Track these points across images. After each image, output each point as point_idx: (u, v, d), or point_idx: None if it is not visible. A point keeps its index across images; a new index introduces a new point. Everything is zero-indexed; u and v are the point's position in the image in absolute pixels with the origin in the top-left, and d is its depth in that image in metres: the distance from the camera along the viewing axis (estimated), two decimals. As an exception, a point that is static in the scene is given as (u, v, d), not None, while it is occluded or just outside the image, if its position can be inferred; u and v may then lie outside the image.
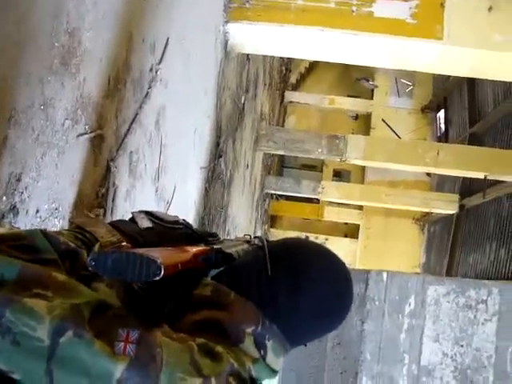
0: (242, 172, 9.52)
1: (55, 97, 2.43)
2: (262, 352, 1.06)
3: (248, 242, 1.65)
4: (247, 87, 9.00)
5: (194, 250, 1.18)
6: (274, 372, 1.08)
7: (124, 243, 1.17)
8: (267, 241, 1.25)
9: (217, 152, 6.79)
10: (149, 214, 1.33)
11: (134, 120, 3.48)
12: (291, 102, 18.59)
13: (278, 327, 1.10)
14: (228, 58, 6.76)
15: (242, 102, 8.57)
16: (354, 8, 5.95)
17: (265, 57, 11.24)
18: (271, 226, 18.42)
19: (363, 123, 19.67)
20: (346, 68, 19.47)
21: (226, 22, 6.35)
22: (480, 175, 10.56)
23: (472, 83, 14.75)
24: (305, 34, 6.33)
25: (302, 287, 1.11)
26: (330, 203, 17.47)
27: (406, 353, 1.42)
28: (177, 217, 1.39)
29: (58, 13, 2.40)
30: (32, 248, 0.99)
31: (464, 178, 13.80)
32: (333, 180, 18.63)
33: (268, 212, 16.67)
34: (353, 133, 16.75)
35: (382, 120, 18.23)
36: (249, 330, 1.05)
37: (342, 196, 14.71)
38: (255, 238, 1.74)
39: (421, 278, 1.43)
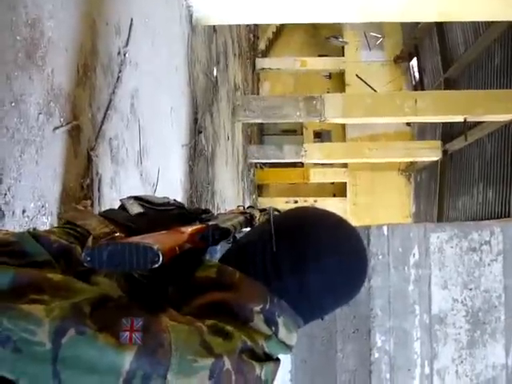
0: (223, 145, 9.47)
1: (25, 92, 2.37)
2: (273, 329, 1.03)
3: (243, 213, 1.63)
4: (217, 59, 8.90)
5: (189, 229, 1.14)
6: (288, 347, 1.06)
7: (117, 233, 1.13)
8: (277, 211, 1.21)
9: (196, 128, 6.72)
10: (138, 198, 1.29)
11: (108, 106, 3.42)
12: (263, 68, 18.47)
13: (288, 303, 1.06)
14: (195, 31, 6.66)
15: (215, 74, 8.48)
16: (316, -35, 5.88)
17: (231, 26, 11.11)
18: (259, 195, 18.42)
19: (338, 81, 19.59)
20: (314, 28, 19.33)
21: (188, -5, 6.24)
22: (459, 118, 10.58)
23: (441, 28, 14.69)
24: (269, -3, 6.25)
25: (308, 262, 1.06)
26: (315, 165, 17.46)
27: (416, 304, 1.41)
28: (167, 198, 1.36)
29: (14, 4, 2.32)
30: (22, 252, 0.95)
31: (444, 124, 13.84)
32: (314, 141, 18.60)
33: (254, 181, 16.66)
34: (328, 92, 16.67)
35: (356, 75, 18.16)
36: (257, 309, 1.01)
37: (325, 156, 14.69)
38: (249, 207, 1.72)
39: (422, 227, 1.41)
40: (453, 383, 1.46)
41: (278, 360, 1.05)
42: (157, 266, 0.92)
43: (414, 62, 17.88)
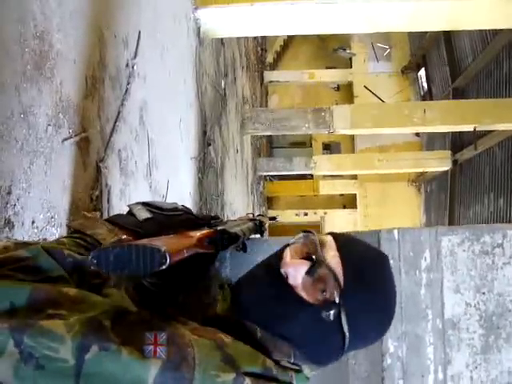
0: (232, 158, 9.47)
1: (34, 104, 2.38)
2: (299, 368, 1.05)
3: (251, 220, 1.62)
4: (226, 72, 8.93)
5: (197, 234, 1.14)
6: (308, 379, 1.08)
7: (124, 236, 1.12)
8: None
9: (205, 140, 6.74)
10: (146, 204, 1.28)
11: (117, 118, 3.43)
12: (271, 81, 18.49)
13: (309, 355, 1.06)
14: (202, 44, 6.69)
15: (223, 87, 8.51)
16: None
17: (239, 39, 11.16)
18: (269, 208, 18.40)
19: (346, 93, 19.59)
20: (321, 40, 19.36)
21: (196, 8, 6.28)
22: (469, 128, 10.53)
23: (448, 37, 14.68)
24: (275, 9, 6.28)
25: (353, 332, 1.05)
26: (324, 177, 17.45)
27: (428, 308, 1.39)
28: (175, 203, 1.35)
29: (23, 17, 2.34)
30: (36, 268, 0.94)
31: (453, 133, 13.79)
32: (323, 154, 18.58)
33: (264, 194, 16.64)
34: (337, 104, 16.66)
35: (364, 87, 18.16)
36: (282, 359, 1.03)
37: (334, 168, 14.65)
38: (259, 215, 1.71)
39: (433, 230, 1.40)
40: (467, 389, 1.43)
41: None
42: (164, 267, 0.91)
43: (421, 73, 17.86)
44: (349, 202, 19.31)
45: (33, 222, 2.32)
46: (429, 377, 1.39)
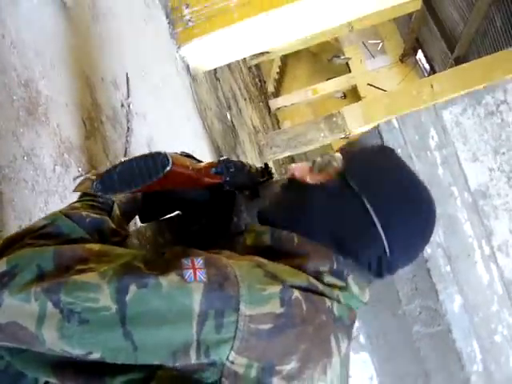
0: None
1: (35, 146, 2.42)
2: (344, 283, 0.98)
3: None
4: (228, 105, 9.02)
5: (202, 164, 1.14)
6: (362, 302, 1.02)
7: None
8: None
9: (224, 170, 6.74)
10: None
11: (125, 154, 3.46)
12: (278, 108, 18.60)
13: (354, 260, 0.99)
14: (196, 81, 6.78)
15: (229, 119, 8.57)
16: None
17: (233, 74, 11.29)
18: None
19: (353, 97, 19.58)
20: (314, 55, 19.52)
21: (179, 47, 6.39)
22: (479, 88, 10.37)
23: (434, 12, 14.66)
24: (254, 24, 6.34)
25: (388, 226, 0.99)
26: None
27: (452, 185, 1.33)
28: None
29: (3, 69, 2.40)
30: (57, 232, 0.93)
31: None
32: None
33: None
34: (347, 109, 16.60)
35: (368, 84, 18.14)
36: (325, 269, 0.97)
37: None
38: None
39: (431, 108, 1.35)
40: (518, 256, 1.36)
41: (352, 309, 1.00)
42: (168, 169, 0.90)
43: (419, 55, 17.79)
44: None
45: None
46: (475, 254, 1.33)
